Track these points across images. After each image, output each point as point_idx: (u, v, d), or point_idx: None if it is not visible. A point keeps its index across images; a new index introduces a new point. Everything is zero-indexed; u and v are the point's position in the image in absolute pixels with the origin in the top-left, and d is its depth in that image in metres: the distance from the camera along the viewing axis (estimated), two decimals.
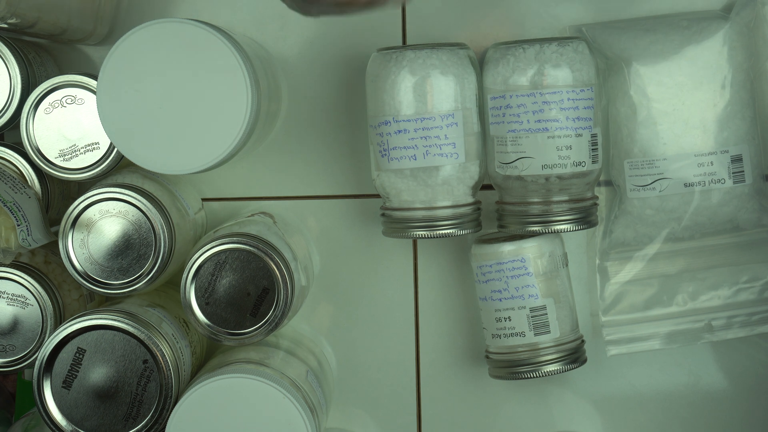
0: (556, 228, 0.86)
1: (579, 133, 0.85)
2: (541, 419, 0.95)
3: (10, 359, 0.87)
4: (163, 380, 0.82)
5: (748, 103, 0.89)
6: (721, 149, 0.88)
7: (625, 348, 0.91)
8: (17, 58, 0.87)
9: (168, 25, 0.79)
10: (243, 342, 0.82)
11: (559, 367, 0.88)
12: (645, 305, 0.91)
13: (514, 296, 0.87)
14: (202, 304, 0.82)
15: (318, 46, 0.93)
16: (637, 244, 0.91)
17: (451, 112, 0.85)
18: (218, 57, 0.79)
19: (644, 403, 0.94)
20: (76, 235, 0.84)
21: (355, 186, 0.94)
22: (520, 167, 0.86)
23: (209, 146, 0.80)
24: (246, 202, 0.95)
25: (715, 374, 0.94)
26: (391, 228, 0.88)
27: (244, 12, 0.93)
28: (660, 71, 0.88)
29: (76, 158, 0.87)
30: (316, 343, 0.95)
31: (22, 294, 0.87)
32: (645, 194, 0.89)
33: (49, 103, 0.86)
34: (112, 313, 0.82)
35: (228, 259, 0.82)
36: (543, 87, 0.85)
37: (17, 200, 0.83)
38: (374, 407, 0.96)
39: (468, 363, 0.95)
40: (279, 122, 0.94)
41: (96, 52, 0.95)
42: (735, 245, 0.90)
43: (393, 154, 0.86)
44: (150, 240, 0.84)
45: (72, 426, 0.82)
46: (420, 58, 0.85)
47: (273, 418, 0.80)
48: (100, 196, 0.84)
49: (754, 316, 0.91)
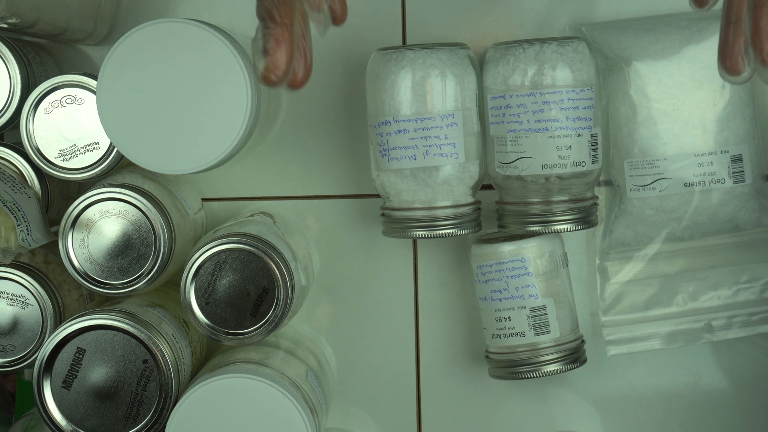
0: (556, 228, 0.86)
1: (579, 133, 0.85)
2: (541, 419, 0.95)
3: (10, 359, 0.87)
4: (163, 380, 0.82)
5: (748, 103, 0.89)
6: (721, 149, 0.88)
7: (625, 348, 0.91)
8: (17, 58, 0.87)
9: (168, 25, 0.79)
10: (243, 342, 0.82)
11: (559, 367, 0.88)
12: (645, 305, 0.91)
13: (514, 296, 0.87)
14: (202, 304, 0.82)
15: (318, 46, 0.93)
16: (637, 244, 0.91)
17: (451, 112, 0.85)
18: (218, 57, 0.79)
19: (644, 403, 0.94)
20: (76, 235, 0.84)
21: (355, 186, 0.94)
22: (520, 167, 0.86)
23: (209, 146, 0.80)
24: (246, 202, 0.95)
25: (715, 374, 0.94)
26: (391, 228, 0.88)
27: (244, 12, 0.93)
28: (660, 71, 0.88)
29: (76, 158, 0.87)
30: (316, 343, 0.95)
31: (22, 294, 0.87)
32: (645, 194, 0.89)
33: (49, 103, 0.86)
34: (112, 313, 0.82)
35: (228, 259, 0.82)
36: (543, 87, 0.85)
37: (17, 200, 0.83)
38: (374, 407, 0.96)
39: (468, 363, 0.95)
40: (279, 122, 0.94)
41: (96, 52, 0.95)
42: (735, 245, 0.90)
43: (393, 154, 0.86)
44: (150, 240, 0.84)
45: (72, 426, 0.82)
46: (420, 58, 0.85)
47: (273, 418, 0.80)
48: (100, 196, 0.84)
49: (754, 316, 0.91)
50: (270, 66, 0.68)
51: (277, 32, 0.68)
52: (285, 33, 0.68)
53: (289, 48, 0.68)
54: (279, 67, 0.68)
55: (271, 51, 0.68)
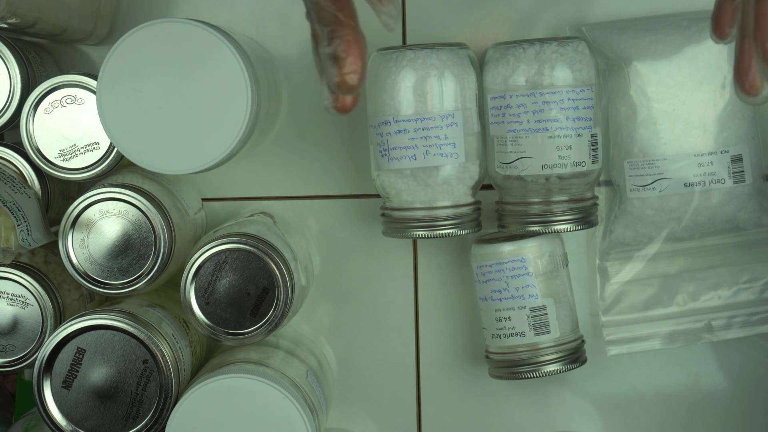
0: (556, 228, 0.86)
1: (579, 133, 0.85)
2: (541, 419, 0.95)
3: (10, 359, 0.87)
4: (163, 380, 0.82)
5: None
6: (721, 149, 0.88)
7: (625, 348, 0.91)
8: (17, 58, 0.87)
9: (168, 25, 0.79)
10: (243, 342, 0.82)
11: (559, 367, 0.88)
12: (645, 305, 0.91)
13: (514, 296, 0.87)
14: (202, 304, 0.82)
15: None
16: (637, 244, 0.91)
17: (451, 112, 0.85)
18: (218, 57, 0.79)
19: (644, 403, 0.94)
20: (76, 235, 0.84)
21: (355, 186, 0.94)
22: (520, 167, 0.86)
23: (209, 146, 0.80)
24: (246, 202, 0.95)
25: (715, 374, 0.94)
26: (391, 228, 0.88)
27: (244, 12, 0.93)
28: (660, 71, 0.88)
29: (76, 158, 0.87)
30: (316, 343, 0.95)
31: (22, 294, 0.87)
32: (645, 194, 0.89)
33: (49, 103, 0.86)
34: (112, 313, 0.82)
35: (228, 259, 0.82)
36: (543, 87, 0.85)
37: (17, 200, 0.83)
38: (374, 407, 0.96)
39: (468, 363, 0.95)
40: (279, 122, 0.94)
41: (96, 52, 0.95)
42: (735, 245, 0.90)
43: (393, 154, 0.86)
44: (150, 240, 0.84)
45: (72, 426, 0.82)
46: (420, 58, 0.85)
47: (273, 418, 0.80)
48: (100, 196, 0.84)
49: (754, 316, 0.91)
50: (347, 70, 0.64)
51: (346, 33, 0.65)
52: (354, 33, 0.65)
53: (360, 48, 0.64)
54: (356, 70, 0.64)
55: (343, 54, 0.64)
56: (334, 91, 0.66)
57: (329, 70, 0.64)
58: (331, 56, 0.64)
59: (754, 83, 0.63)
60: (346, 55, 0.64)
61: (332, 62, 0.64)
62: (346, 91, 0.64)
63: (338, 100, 0.67)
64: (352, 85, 0.64)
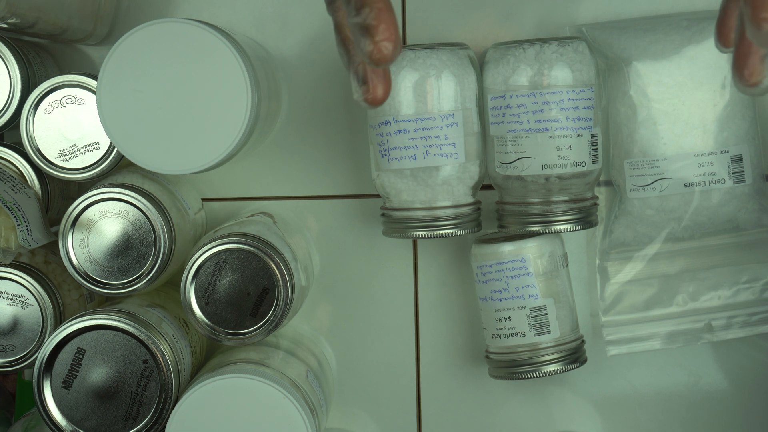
0: (556, 228, 0.86)
1: (579, 133, 0.85)
2: (541, 419, 0.95)
3: (10, 359, 0.87)
4: (163, 380, 0.82)
5: (748, 103, 0.89)
6: (721, 149, 0.88)
7: (625, 348, 0.91)
8: (17, 58, 0.87)
9: (168, 25, 0.79)
10: (243, 342, 0.82)
11: (559, 367, 0.88)
12: (645, 305, 0.91)
13: (514, 296, 0.87)
14: (202, 304, 0.82)
15: (318, 46, 0.93)
16: (637, 244, 0.91)
17: (451, 112, 0.85)
18: (218, 57, 0.79)
19: (644, 403, 0.94)
20: (76, 235, 0.84)
21: (355, 186, 0.94)
22: (520, 167, 0.86)
23: (209, 146, 0.80)
24: (246, 202, 0.95)
25: (715, 374, 0.94)
26: (391, 228, 0.88)
27: (244, 12, 0.93)
28: (660, 71, 0.88)
29: (76, 158, 0.87)
30: (316, 343, 0.95)
31: (22, 294, 0.87)
32: (645, 194, 0.89)
33: (49, 103, 0.86)
34: (112, 313, 0.82)
35: (228, 259, 0.82)
36: (543, 87, 0.85)
37: (17, 200, 0.83)
38: (374, 407, 0.96)
39: (468, 363, 0.95)
40: (279, 122, 0.94)
41: (96, 52, 0.95)
42: (735, 245, 0.90)
43: (393, 154, 0.86)
44: (150, 240, 0.84)
45: (72, 426, 0.82)
46: (420, 58, 0.85)
47: (273, 418, 0.80)
48: (100, 196, 0.84)
49: (754, 316, 0.91)
50: (380, 38, 0.58)
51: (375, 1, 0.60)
52: (384, 6, 0.60)
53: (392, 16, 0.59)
54: (390, 37, 0.59)
55: (374, 22, 0.59)
56: (368, 63, 0.61)
57: (363, 38, 0.59)
58: (361, 26, 0.59)
59: (754, 69, 0.61)
60: (377, 23, 0.59)
61: (362, 32, 0.59)
62: (380, 62, 0.58)
63: (368, 92, 0.63)
64: (386, 54, 0.59)
